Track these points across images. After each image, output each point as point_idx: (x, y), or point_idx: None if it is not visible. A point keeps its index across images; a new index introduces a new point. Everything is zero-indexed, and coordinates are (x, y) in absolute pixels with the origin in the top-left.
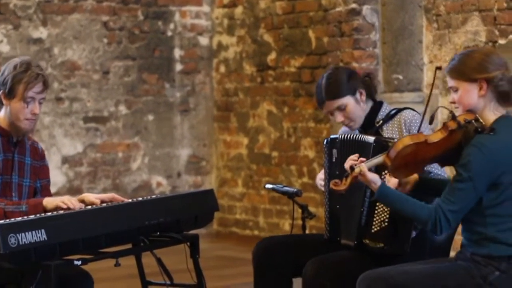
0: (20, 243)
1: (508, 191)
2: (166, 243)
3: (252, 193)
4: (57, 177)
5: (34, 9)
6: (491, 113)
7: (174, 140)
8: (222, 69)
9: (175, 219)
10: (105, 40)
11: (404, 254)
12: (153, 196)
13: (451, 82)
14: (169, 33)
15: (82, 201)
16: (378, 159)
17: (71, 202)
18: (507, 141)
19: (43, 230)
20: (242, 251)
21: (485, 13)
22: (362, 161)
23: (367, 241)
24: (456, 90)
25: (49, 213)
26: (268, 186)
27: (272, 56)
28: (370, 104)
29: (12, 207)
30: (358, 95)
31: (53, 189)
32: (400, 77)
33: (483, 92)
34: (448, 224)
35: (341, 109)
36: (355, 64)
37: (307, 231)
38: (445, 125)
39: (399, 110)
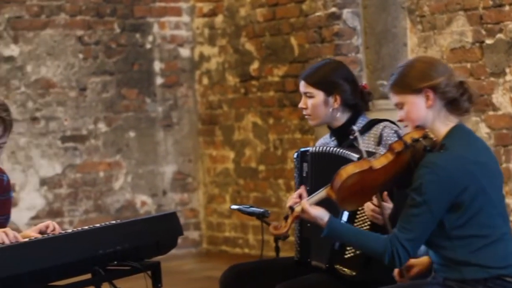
0: None
1: (471, 210)
2: (124, 272)
3: None
4: (36, 200)
5: (4, 26)
6: (443, 125)
7: (158, 157)
8: (205, 81)
9: (134, 246)
10: (81, 56)
11: (377, 282)
12: (110, 222)
13: (395, 99)
14: (148, 46)
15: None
16: (321, 193)
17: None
18: (460, 155)
19: None
20: None
21: (471, 12)
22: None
23: (339, 267)
24: (401, 106)
25: None
26: (234, 207)
27: (255, 65)
28: (348, 115)
29: None
30: (331, 98)
31: (32, 213)
32: (385, 83)
33: (430, 103)
34: (406, 255)
35: (308, 96)
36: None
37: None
38: (390, 147)
39: (377, 122)
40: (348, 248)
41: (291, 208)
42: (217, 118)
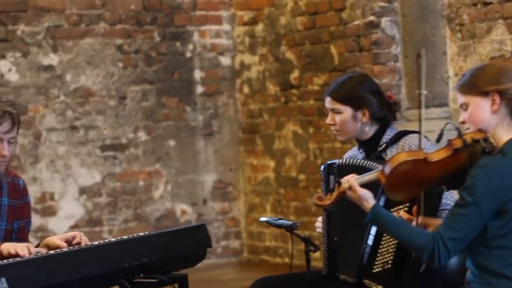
0: None
1: None
2: (151, 285)
3: None
4: (75, 209)
5: (43, 35)
6: (505, 132)
7: (198, 166)
8: (246, 89)
9: (161, 258)
10: (120, 64)
11: None
12: (138, 234)
13: (461, 99)
14: (188, 54)
15: (47, 245)
16: (371, 175)
17: (23, 249)
18: None
19: (3, 279)
20: None
21: (510, 20)
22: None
23: (367, 281)
24: (466, 107)
25: (11, 259)
26: (263, 219)
27: (295, 74)
28: (376, 127)
29: None
30: (359, 113)
31: (71, 222)
32: (425, 92)
33: (496, 107)
34: (447, 254)
35: (336, 112)
36: (375, 81)
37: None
38: (449, 143)
39: (405, 134)
40: (376, 263)
41: (338, 182)
42: (257, 127)
